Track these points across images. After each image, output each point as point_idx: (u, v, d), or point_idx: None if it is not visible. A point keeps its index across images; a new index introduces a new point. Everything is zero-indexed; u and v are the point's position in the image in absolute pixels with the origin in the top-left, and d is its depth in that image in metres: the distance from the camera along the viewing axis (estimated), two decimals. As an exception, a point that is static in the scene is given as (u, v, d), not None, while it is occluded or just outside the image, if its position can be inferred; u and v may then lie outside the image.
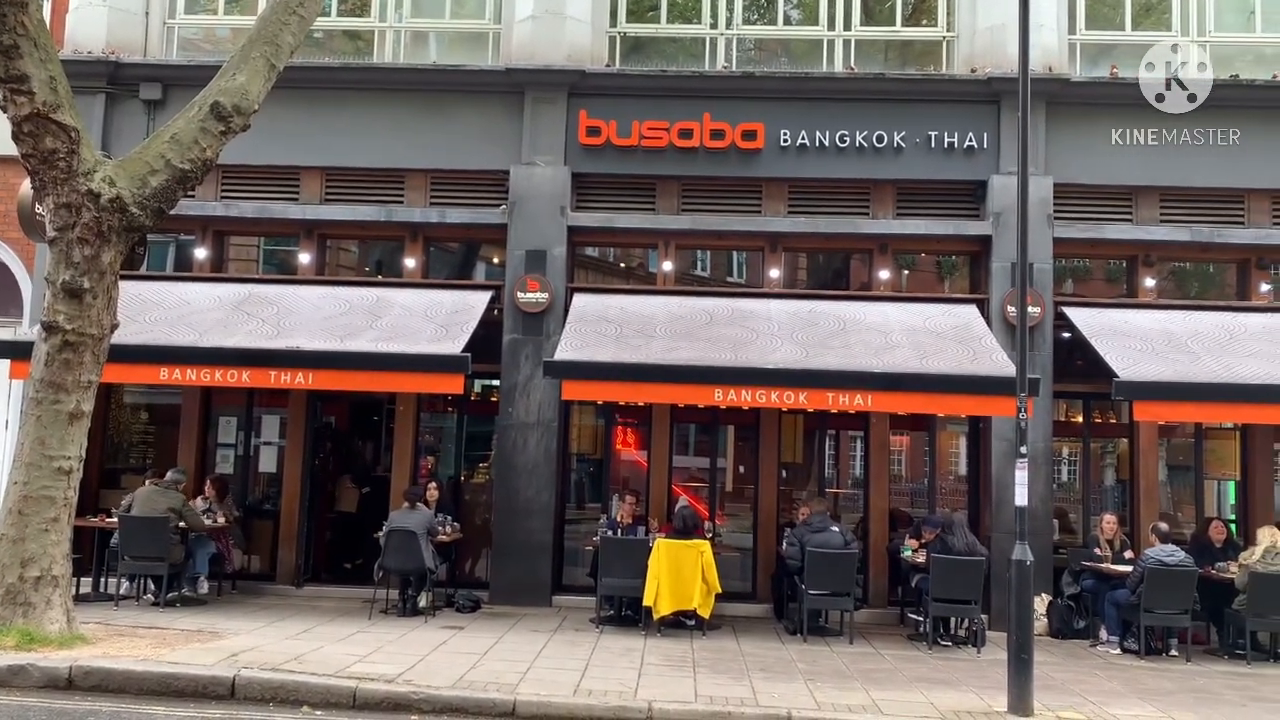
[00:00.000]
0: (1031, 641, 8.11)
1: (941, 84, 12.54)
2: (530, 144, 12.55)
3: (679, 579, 10.54)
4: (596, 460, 13.73)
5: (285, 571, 12.53)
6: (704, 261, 14.09)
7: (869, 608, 12.13)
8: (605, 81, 12.63)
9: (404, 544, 10.83)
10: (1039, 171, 12.06)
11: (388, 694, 7.76)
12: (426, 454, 13.61)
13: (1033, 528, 11.21)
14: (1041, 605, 11.49)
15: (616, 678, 8.55)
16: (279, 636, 9.60)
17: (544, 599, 11.97)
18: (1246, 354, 11.28)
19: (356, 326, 11.63)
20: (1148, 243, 12.47)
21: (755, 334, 11.68)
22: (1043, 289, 12.03)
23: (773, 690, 8.36)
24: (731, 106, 12.51)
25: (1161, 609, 10.47)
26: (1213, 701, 8.77)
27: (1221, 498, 13.45)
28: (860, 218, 12.66)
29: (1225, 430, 13.01)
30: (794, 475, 13.62)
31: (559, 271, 12.40)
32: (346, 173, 12.89)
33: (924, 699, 8.31)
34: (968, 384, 10.60)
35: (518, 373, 12.23)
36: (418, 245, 12.93)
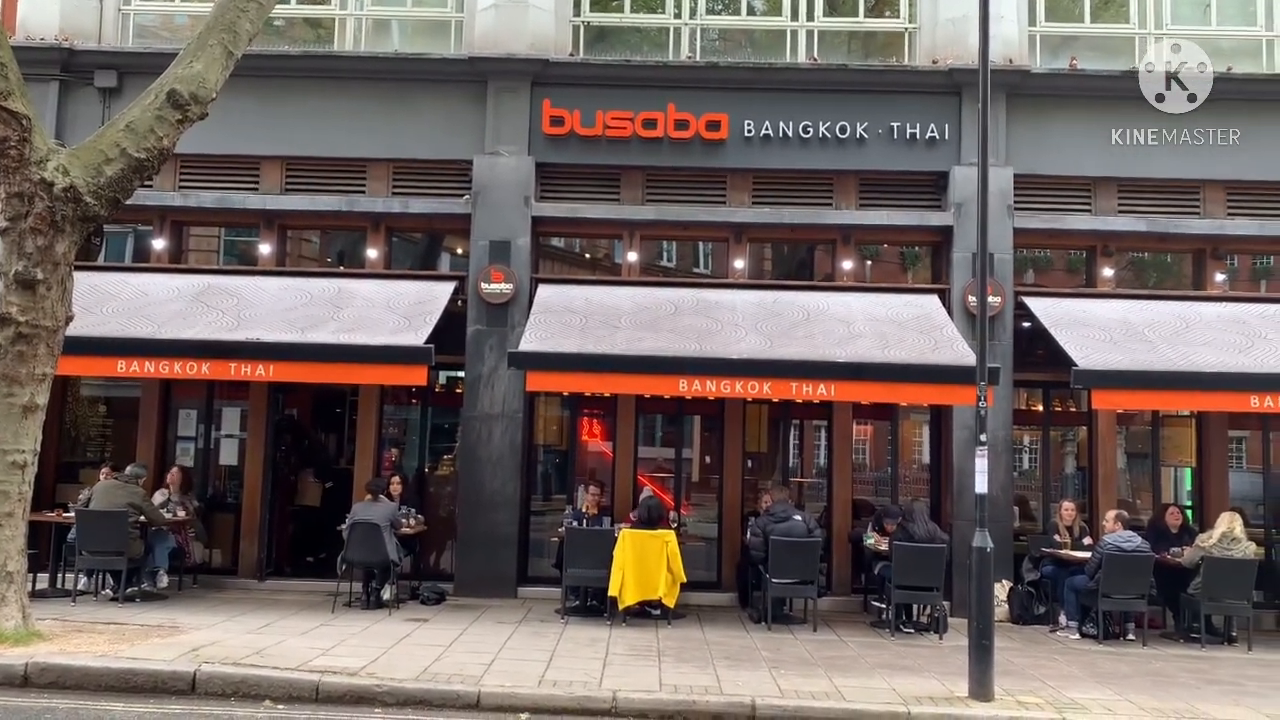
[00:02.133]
0: (992, 628, 8.22)
1: (904, 75, 12.60)
2: (494, 133, 12.47)
3: (644, 569, 10.56)
4: (562, 451, 13.71)
5: (247, 565, 12.41)
6: (670, 252, 14.09)
7: (833, 595, 12.22)
8: (569, 71, 12.58)
9: (367, 537, 10.76)
10: (999, 162, 12.17)
11: (350, 687, 7.72)
12: (391, 446, 13.51)
13: (993, 515, 11.37)
14: (1002, 591, 11.64)
15: (581, 668, 8.55)
16: (240, 631, 9.51)
17: (509, 591, 11.94)
18: (1202, 343, 11.45)
19: (318, 318, 11.51)
20: (1106, 233, 12.63)
21: (720, 324, 11.69)
22: (1003, 279, 12.15)
23: (737, 678, 8.40)
24: (696, 97, 12.50)
25: (1119, 594, 10.64)
26: (1168, 684, 8.92)
27: (1178, 484, 13.66)
28: (824, 208, 12.72)
29: (1182, 418, 13.21)
30: (759, 465, 13.68)
31: (523, 262, 12.35)
32: (307, 162, 12.76)
33: (886, 685, 8.39)
34: (929, 373, 10.68)
35: (482, 364, 12.17)
36: (380, 236, 12.83)
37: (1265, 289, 13.24)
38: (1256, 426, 13.07)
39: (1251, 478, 13.41)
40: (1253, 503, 13.09)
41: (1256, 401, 10.66)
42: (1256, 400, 10.65)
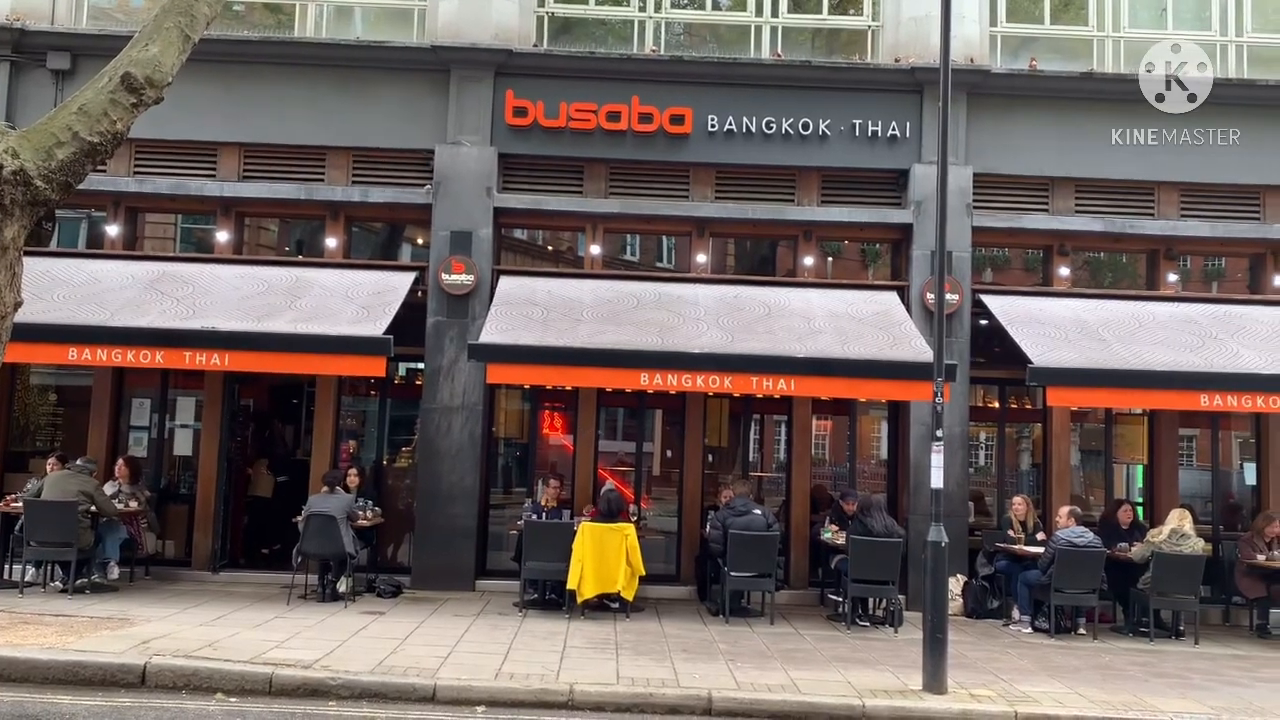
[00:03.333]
0: (946, 621, 8.30)
1: (866, 73, 12.68)
2: (456, 123, 12.38)
3: (603, 562, 10.56)
4: (523, 444, 13.67)
5: (201, 557, 12.24)
6: (634, 246, 14.09)
7: (790, 589, 12.29)
8: (533, 62, 12.51)
9: (323, 529, 10.66)
10: (959, 161, 12.29)
11: (305, 680, 7.66)
12: (349, 438, 13.39)
13: (949, 510, 11.47)
14: (957, 586, 11.77)
15: (539, 661, 8.54)
16: (193, 623, 9.39)
17: (467, 584, 11.89)
18: (1154, 342, 11.65)
19: (275, 307, 11.38)
20: (1063, 233, 12.79)
21: (682, 318, 11.71)
22: (961, 277, 12.27)
23: (694, 671, 8.43)
24: (660, 90, 12.49)
25: (1071, 589, 10.80)
26: (1117, 677, 9.07)
27: (1130, 481, 13.89)
28: (786, 204, 12.77)
29: (1135, 416, 13.44)
30: (720, 459, 13.72)
31: (485, 253, 12.28)
32: (266, 149, 12.60)
33: (841, 678, 8.46)
34: (887, 369, 10.77)
35: (442, 356, 12.09)
36: (339, 225, 12.69)
37: (1216, 289, 13.50)
38: (1206, 425, 13.34)
39: (1201, 475, 13.68)
40: (1202, 500, 13.35)
41: (1206, 400, 10.86)
42: (1206, 399, 10.85)
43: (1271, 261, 13.01)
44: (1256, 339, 11.77)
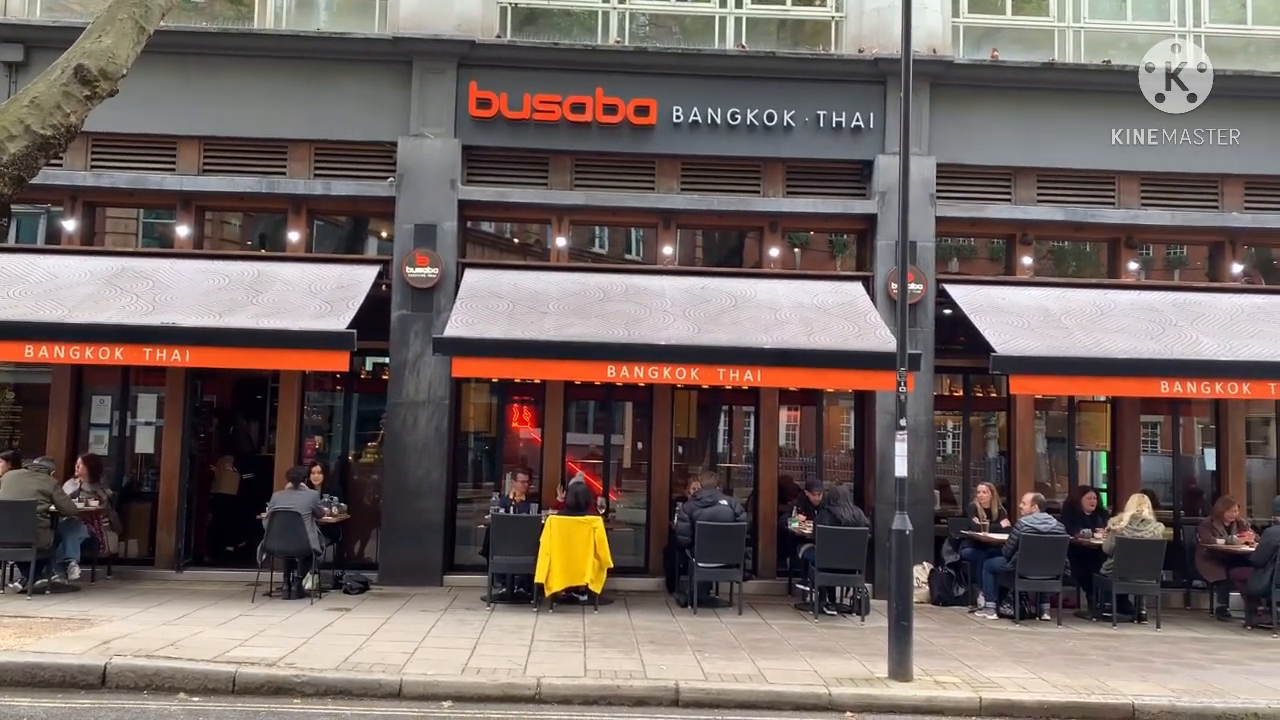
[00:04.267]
0: (911, 609, 8.37)
1: (830, 64, 12.70)
2: (419, 115, 12.29)
3: (571, 555, 10.54)
4: (491, 438, 13.61)
5: (164, 555, 12.11)
6: (603, 239, 14.06)
7: (758, 579, 12.34)
8: (496, 53, 12.44)
9: (288, 525, 10.57)
10: (922, 152, 12.34)
11: (269, 678, 7.60)
12: (314, 434, 13.29)
13: (915, 498, 11.59)
14: (923, 573, 11.87)
15: (506, 655, 8.52)
16: (155, 622, 9.29)
17: (435, 579, 11.83)
18: (1116, 330, 11.77)
19: (237, 302, 11.25)
20: (1025, 222, 12.88)
21: (649, 310, 11.69)
22: (925, 267, 12.34)
23: (661, 662, 8.44)
24: (624, 81, 12.45)
25: (1035, 575, 10.90)
26: (1079, 662, 9.18)
27: (1095, 468, 14.04)
28: (751, 196, 12.78)
29: (1098, 403, 13.59)
30: (689, 450, 13.74)
31: (450, 246, 12.20)
32: (226, 143, 12.45)
33: (808, 667, 8.50)
34: (851, 359, 10.82)
35: (407, 350, 12.01)
36: (301, 218, 12.57)
37: (1177, 277, 13.65)
38: (1169, 412, 13.50)
39: (1164, 461, 13.85)
40: (1165, 485, 13.52)
41: (1166, 387, 10.99)
42: (1166, 385, 10.97)
43: (1230, 249, 13.18)
44: (1215, 326, 11.93)
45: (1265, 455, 13.96)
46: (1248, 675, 8.86)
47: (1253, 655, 9.79)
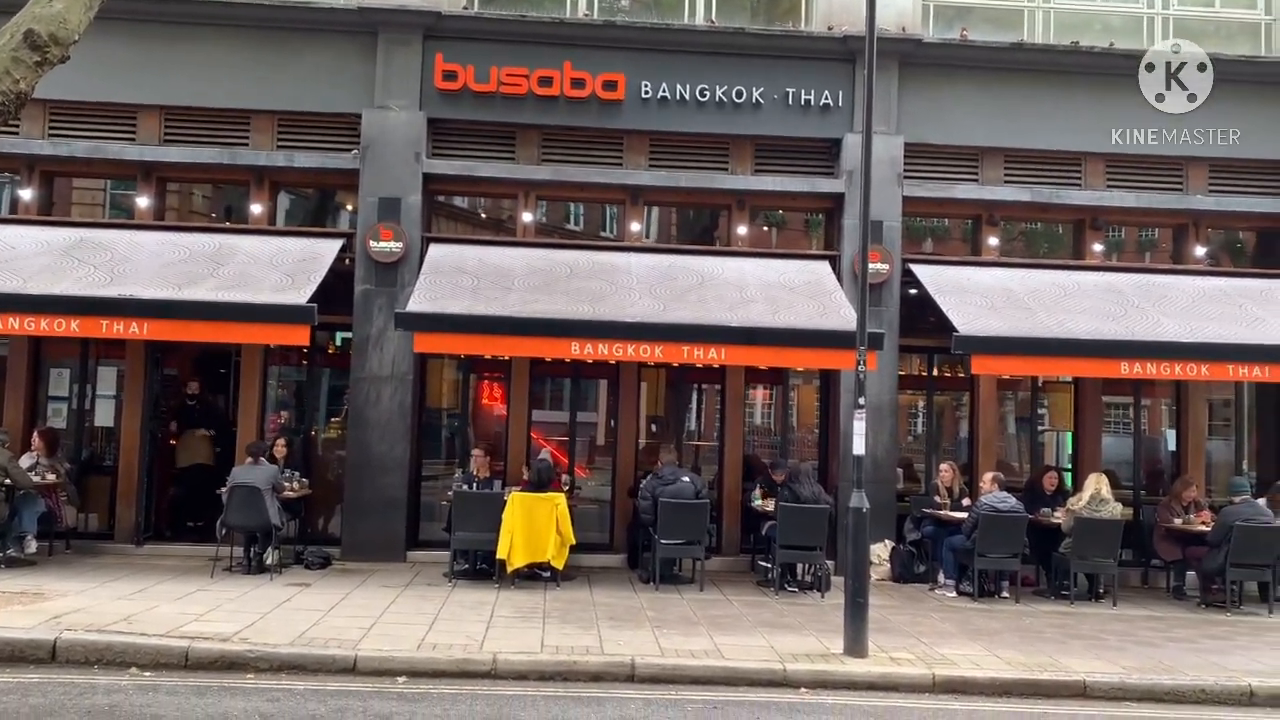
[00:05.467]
0: (867, 586, 8.43)
1: (799, 41, 12.63)
2: (384, 87, 12.15)
3: (533, 532, 10.52)
4: (456, 414, 13.56)
5: (124, 530, 12.00)
6: (577, 215, 13.99)
7: (722, 556, 12.38)
8: (463, 24, 12.29)
9: (247, 500, 10.49)
10: (890, 131, 12.33)
11: (222, 653, 7.57)
12: (281, 408, 13.19)
13: (877, 477, 11.71)
14: (885, 551, 11.95)
15: (464, 630, 8.51)
16: (110, 596, 9.22)
17: (398, 555, 11.80)
18: (1079, 310, 11.82)
19: (197, 274, 11.11)
20: (992, 202, 12.90)
21: (615, 287, 11.64)
22: (891, 246, 12.34)
23: (619, 638, 8.46)
24: (592, 56, 12.34)
25: (994, 553, 10.99)
26: (1035, 639, 9.27)
27: (1061, 448, 14.16)
28: (719, 173, 12.73)
29: (1064, 384, 13.68)
30: (660, 428, 13.74)
31: (414, 220, 12.09)
32: (187, 112, 12.27)
33: (765, 643, 8.54)
34: (815, 338, 10.82)
35: (370, 324, 11.92)
36: (264, 190, 12.41)
37: (1144, 259, 13.73)
38: (1132, 393, 13.60)
39: (1128, 442, 13.93)
40: (1127, 465, 13.63)
41: (1127, 368, 11.07)
42: (1127, 366, 11.05)
43: (1193, 232, 13.26)
44: (1177, 308, 12.01)
45: (1225, 437, 14.12)
46: (1198, 653, 8.98)
47: (1204, 633, 9.92)
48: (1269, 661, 8.73)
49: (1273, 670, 8.39)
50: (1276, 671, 8.36)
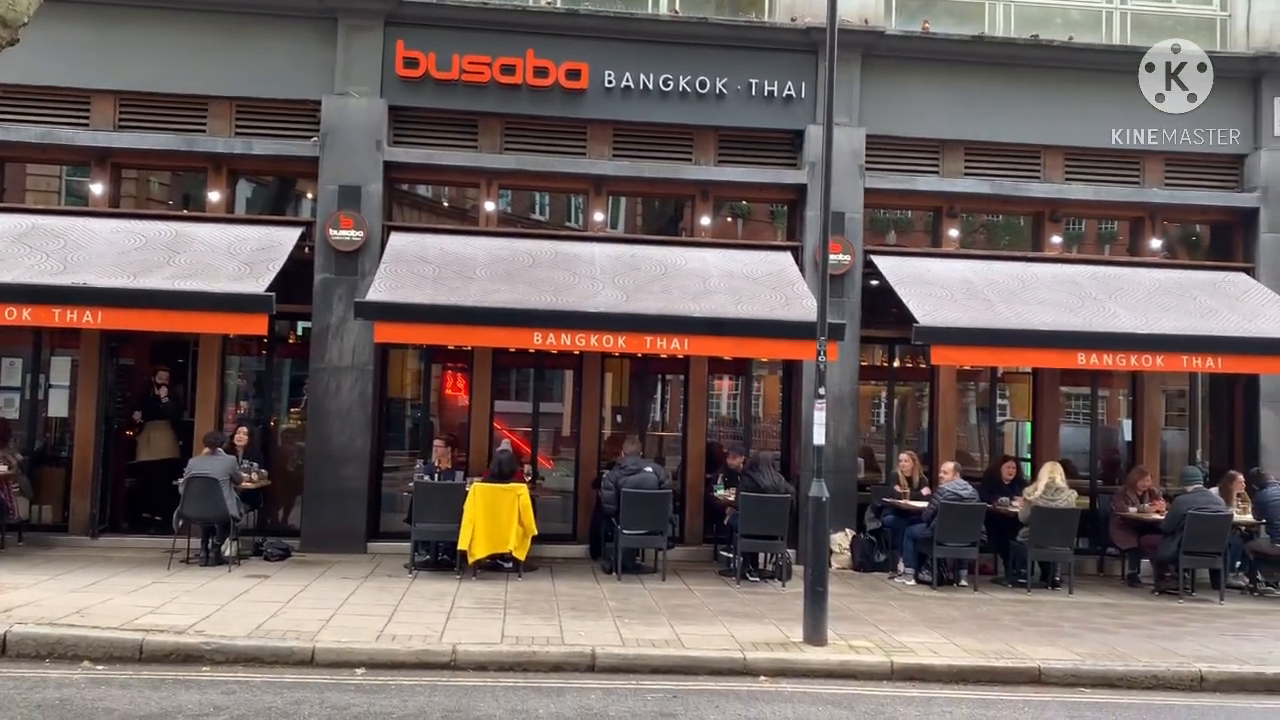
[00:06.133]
0: (826, 575, 8.48)
1: (763, 32, 12.64)
2: (344, 74, 12.02)
3: (495, 522, 10.48)
4: (419, 404, 13.47)
5: (79, 521, 11.82)
6: (542, 205, 13.91)
7: (685, 545, 12.41)
8: (425, 11, 12.17)
9: (204, 491, 10.37)
10: (852, 123, 12.39)
11: (177, 645, 7.48)
12: (241, 398, 13.03)
13: (839, 466, 11.78)
14: (845, 540, 12.04)
15: (424, 622, 8.47)
16: (63, 589, 9.08)
17: (358, 546, 11.71)
18: (1037, 302, 11.95)
19: (153, 263, 10.95)
20: (952, 195, 13.00)
21: (578, 277, 11.60)
22: (853, 237, 12.40)
23: (580, 629, 8.45)
24: (556, 44, 12.29)
25: (952, 541, 11.10)
26: (992, 627, 9.37)
27: (1021, 438, 14.31)
28: (683, 163, 12.72)
29: (1023, 374, 13.83)
30: (625, 419, 13.73)
31: (375, 209, 11.98)
32: (143, 97, 12.08)
33: (726, 632, 8.57)
34: (776, 328, 10.84)
35: (330, 314, 11.81)
36: (222, 177, 12.24)
37: (1102, 252, 13.89)
38: (1090, 384, 13.78)
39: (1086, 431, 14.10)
40: (1085, 455, 13.81)
41: (1083, 359, 11.20)
42: (1083, 357, 11.18)
43: (1150, 225, 13.44)
44: (1133, 300, 12.17)
45: (1180, 427, 14.35)
46: (1151, 639, 9.12)
47: (1158, 620, 10.08)
48: (1219, 647, 8.89)
49: (1222, 656, 8.55)
50: (1226, 657, 8.52)
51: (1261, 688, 8.02)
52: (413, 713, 6.43)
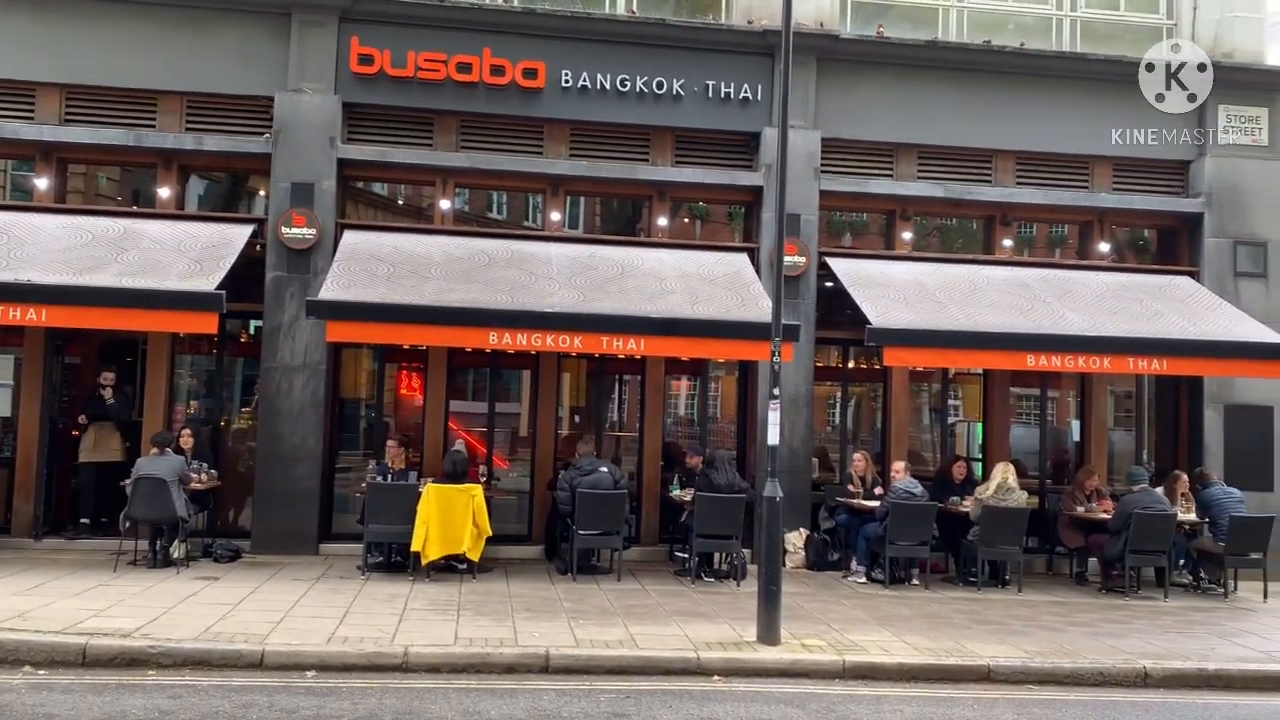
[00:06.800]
0: (780, 574, 8.54)
1: (719, 34, 12.68)
2: (298, 70, 11.89)
3: (449, 523, 10.41)
4: (373, 404, 13.35)
5: (22, 524, 11.57)
6: (500, 204, 13.84)
7: (641, 546, 12.41)
8: (380, 7, 12.06)
9: (152, 492, 10.19)
10: (808, 125, 12.48)
11: (122, 649, 7.36)
12: (191, 398, 12.82)
13: (794, 466, 11.85)
14: (800, 539, 12.12)
15: (376, 624, 8.39)
16: (4, 593, 8.90)
17: (310, 547, 11.58)
18: (988, 304, 12.11)
19: (100, 259, 10.75)
20: (905, 198, 13.14)
21: (534, 277, 11.57)
22: (808, 239, 12.48)
23: (535, 630, 8.43)
24: (513, 43, 12.24)
25: (904, 541, 11.22)
26: (942, 625, 9.48)
27: (972, 438, 14.49)
28: (640, 164, 12.73)
29: (975, 375, 14.00)
30: (582, 419, 13.71)
31: (328, 206, 11.86)
32: (90, 91, 11.86)
33: (680, 632, 8.59)
34: (732, 329, 10.88)
35: (282, 313, 11.66)
36: (172, 173, 12.05)
37: (1052, 255, 14.10)
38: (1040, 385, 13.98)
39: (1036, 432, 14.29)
40: (1035, 455, 14.01)
41: (1033, 360, 11.35)
42: (1033, 359, 11.34)
43: (1098, 229, 13.66)
44: (1081, 302, 12.37)
45: (1127, 427, 14.61)
46: (1097, 637, 9.28)
47: (1104, 618, 10.26)
48: (1163, 644, 9.07)
49: (1166, 653, 8.72)
50: (1170, 654, 8.69)
51: (1203, 683, 8.20)
52: (363, 715, 6.37)
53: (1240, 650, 9.02)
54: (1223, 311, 12.52)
